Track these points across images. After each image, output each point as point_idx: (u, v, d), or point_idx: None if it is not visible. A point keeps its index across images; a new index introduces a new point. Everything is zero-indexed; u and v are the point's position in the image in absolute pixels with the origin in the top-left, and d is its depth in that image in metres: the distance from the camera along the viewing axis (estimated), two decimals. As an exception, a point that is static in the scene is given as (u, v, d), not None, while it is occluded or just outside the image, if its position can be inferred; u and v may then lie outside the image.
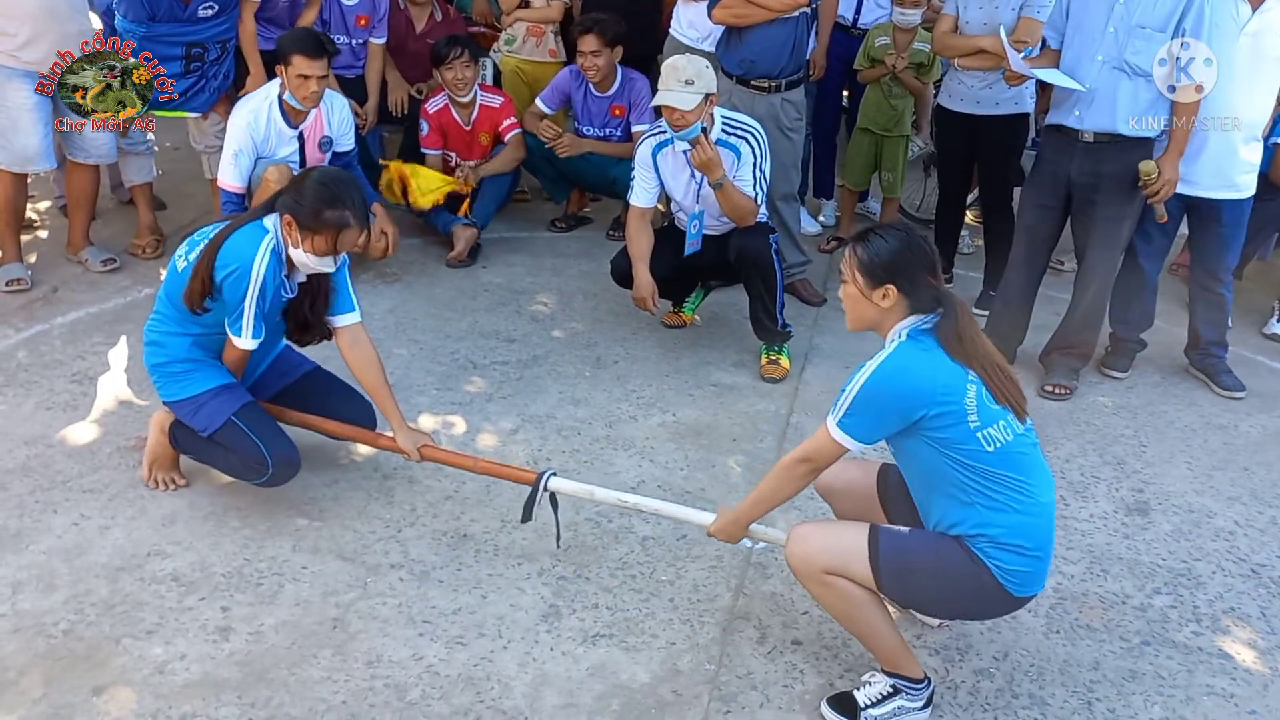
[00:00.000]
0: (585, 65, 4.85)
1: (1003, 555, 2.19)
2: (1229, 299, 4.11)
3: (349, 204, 2.73)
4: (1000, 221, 4.53)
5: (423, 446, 2.91)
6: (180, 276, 2.82)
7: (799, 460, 2.33)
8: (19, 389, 3.53)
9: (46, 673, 2.36)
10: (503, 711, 2.34)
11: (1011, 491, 2.20)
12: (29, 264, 4.40)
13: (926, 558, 2.24)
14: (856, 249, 2.30)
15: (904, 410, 2.19)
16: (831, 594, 2.29)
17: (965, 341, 2.21)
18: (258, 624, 2.55)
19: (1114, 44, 3.59)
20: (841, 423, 2.23)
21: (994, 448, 2.18)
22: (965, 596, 2.26)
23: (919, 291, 2.25)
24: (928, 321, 2.25)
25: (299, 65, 3.97)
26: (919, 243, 2.30)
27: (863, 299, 2.30)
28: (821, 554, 2.27)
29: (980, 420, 2.17)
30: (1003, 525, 2.19)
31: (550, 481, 2.76)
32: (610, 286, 4.28)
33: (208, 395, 2.86)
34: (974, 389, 2.18)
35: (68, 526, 2.86)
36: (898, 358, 2.22)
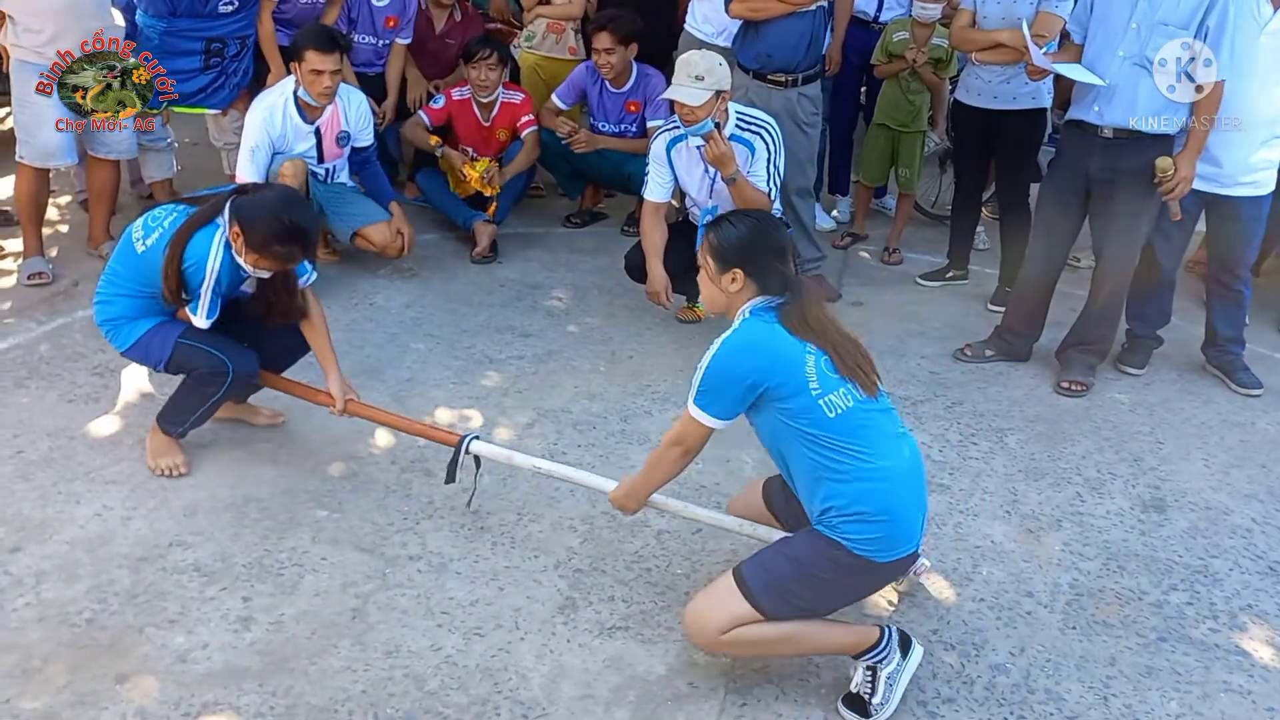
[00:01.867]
0: (599, 62, 4.86)
1: (848, 526, 2.22)
2: (1247, 296, 4.10)
3: (301, 240, 2.81)
4: (1016, 217, 4.52)
5: (348, 400, 3.06)
6: (138, 258, 2.91)
7: (672, 442, 2.41)
8: (42, 381, 3.56)
9: (70, 661, 2.40)
10: (520, 702, 2.36)
11: (851, 459, 2.23)
12: (50, 258, 4.45)
13: (788, 566, 2.27)
14: (710, 234, 2.38)
15: (749, 383, 2.24)
16: (745, 647, 2.32)
17: (810, 321, 2.26)
18: (278, 614, 2.58)
19: (1136, 40, 3.58)
20: (698, 401, 2.31)
21: (835, 414, 2.22)
22: (839, 581, 2.28)
23: (767, 277, 2.31)
24: (770, 303, 2.31)
25: (312, 60, 4.00)
26: (770, 230, 2.37)
27: (715, 283, 2.37)
28: (709, 617, 2.28)
29: (821, 387, 2.22)
30: (844, 495, 2.23)
31: (472, 445, 2.87)
32: (625, 281, 4.29)
33: (150, 333, 2.98)
34: (813, 359, 2.23)
35: (90, 517, 2.89)
36: (739, 334, 2.29)
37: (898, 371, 4.03)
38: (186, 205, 2.96)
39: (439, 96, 5.03)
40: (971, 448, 3.52)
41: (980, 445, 3.54)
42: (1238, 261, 4.01)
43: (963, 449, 3.51)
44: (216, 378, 2.97)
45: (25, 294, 4.20)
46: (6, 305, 4.10)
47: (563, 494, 3.10)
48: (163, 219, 2.92)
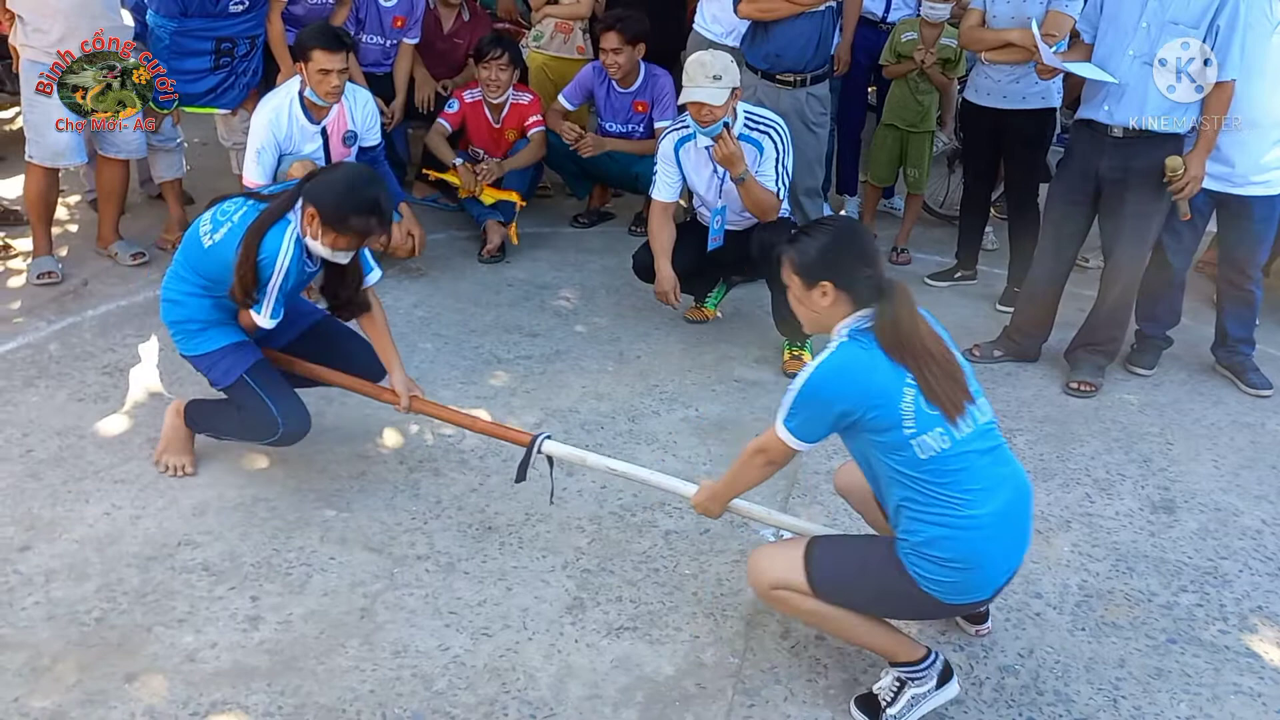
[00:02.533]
0: (607, 63, 4.86)
1: (922, 564, 2.17)
2: (1258, 296, 4.08)
3: (377, 210, 2.73)
4: (1025, 217, 4.50)
5: (412, 397, 2.99)
6: (204, 252, 2.85)
7: (757, 450, 2.35)
8: (51, 380, 3.58)
9: (80, 660, 2.40)
10: (528, 702, 2.36)
11: (939, 503, 2.15)
12: (60, 257, 4.46)
13: (855, 563, 2.26)
14: (787, 251, 2.29)
15: (841, 411, 2.17)
16: (787, 607, 2.34)
17: (904, 333, 2.16)
18: (286, 613, 2.58)
19: (1146, 39, 3.56)
20: (787, 423, 2.24)
21: (927, 456, 2.14)
22: (898, 604, 2.26)
23: (857, 285, 2.22)
24: (867, 320, 2.21)
25: (319, 60, 3.99)
26: (852, 234, 2.29)
27: (804, 301, 2.29)
28: (768, 570, 2.31)
29: (916, 427, 2.13)
30: (925, 534, 2.16)
31: (544, 445, 2.81)
32: (633, 281, 4.29)
33: (223, 352, 2.93)
34: (911, 394, 2.14)
35: (100, 516, 2.90)
36: (835, 359, 2.20)
37: (906, 372, 4.01)
38: (255, 200, 2.88)
39: (453, 100, 5.03)
40: (980, 448, 3.51)
41: (989, 446, 3.53)
42: (1249, 261, 4.00)
43: (971, 450, 3.50)
44: (263, 429, 2.94)
45: (34, 293, 4.21)
46: (16, 304, 4.11)
47: (570, 494, 3.10)
48: (231, 213, 2.84)
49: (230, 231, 2.81)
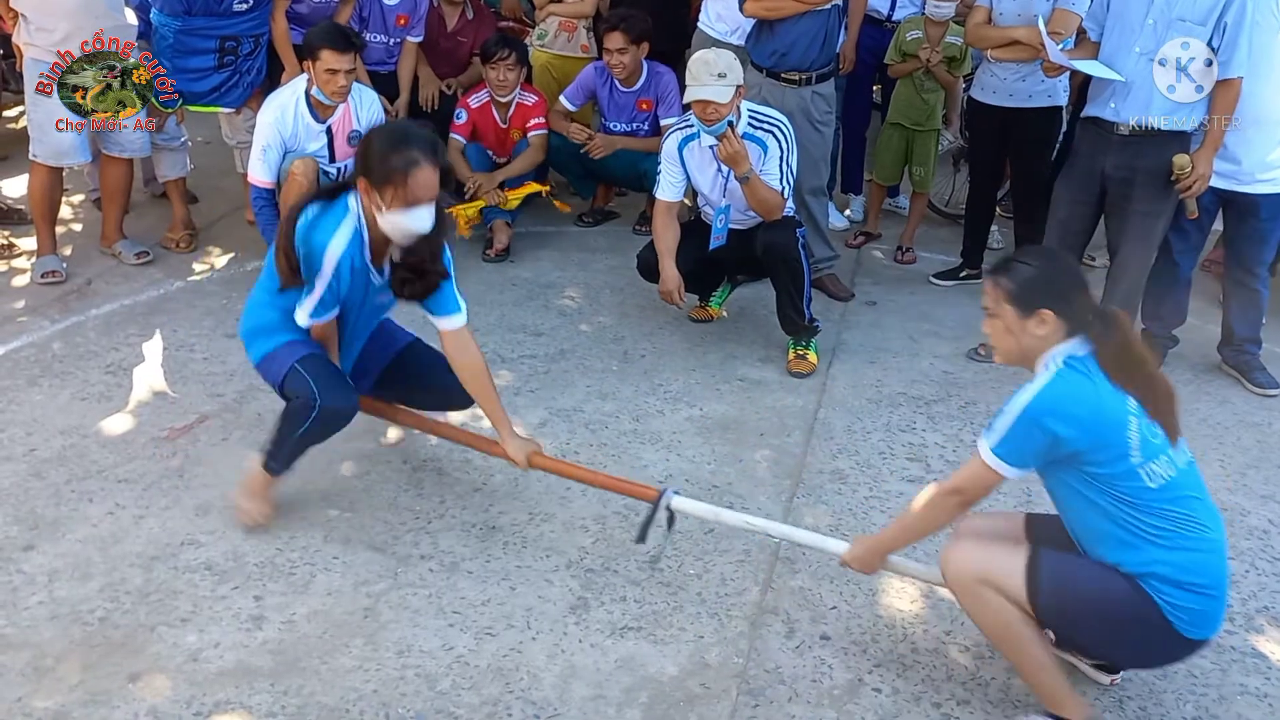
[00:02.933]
0: (611, 62, 4.85)
1: (1174, 591, 2.08)
2: (1264, 295, 4.06)
3: (415, 143, 2.53)
4: (1031, 216, 4.48)
5: (532, 454, 2.82)
6: None
7: (951, 491, 2.22)
8: (55, 380, 3.58)
9: (83, 659, 2.40)
10: (532, 702, 2.36)
11: (1179, 528, 2.09)
12: (64, 256, 4.46)
13: (1092, 585, 2.13)
14: (999, 279, 2.19)
15: (1061, 441, 2.08)
16: (985, 607, 2.20)
17: (1129, 358, 2.10)
18: (290, 613, 2.58)
19: (1153, 37, 3.55)
20: (996, 449, 2.13)
21: (1157, 484, 2.08)
22: (1128, 634, 2.16)
23: (1075, 313, 2.13)
24: (1083, 346, 2.14)
25: (327, 60, 3.99)
26: (1067, 260, 2.21)
27: (1015, 331, 2.18)
28: (979, 562, 2.19)
29: (1143, 455, 2.07)
30: (1171, 563, 2.08)
31: (673, 501, 2.62)
32: (637, 281, 4.29)
33: (278, 350, 2.78)
34: (1135, 422, 2.07)
35: (103, 515, 2.90)
36: (1057, 383, 2.10)
37: (910, 371, 4.01)
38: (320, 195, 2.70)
39: (460, 111, 5.01)
40: (985, 448, 3.50)
41: (994, 445, 3.52)
42: (1255, 260, 3.98)
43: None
44: (304, 410, 2.73)
45: (38, 292, 4.21)
46: (20, 303, 4.11)
47: (574, 494, 3.10)
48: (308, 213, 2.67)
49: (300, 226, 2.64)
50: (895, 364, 4.07)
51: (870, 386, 3.88)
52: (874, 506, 3.15)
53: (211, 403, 3.49)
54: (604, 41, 4.85)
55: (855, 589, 2.77)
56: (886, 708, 2.40)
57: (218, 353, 3.82)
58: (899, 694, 2.44)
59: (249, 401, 3.50)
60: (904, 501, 3.17)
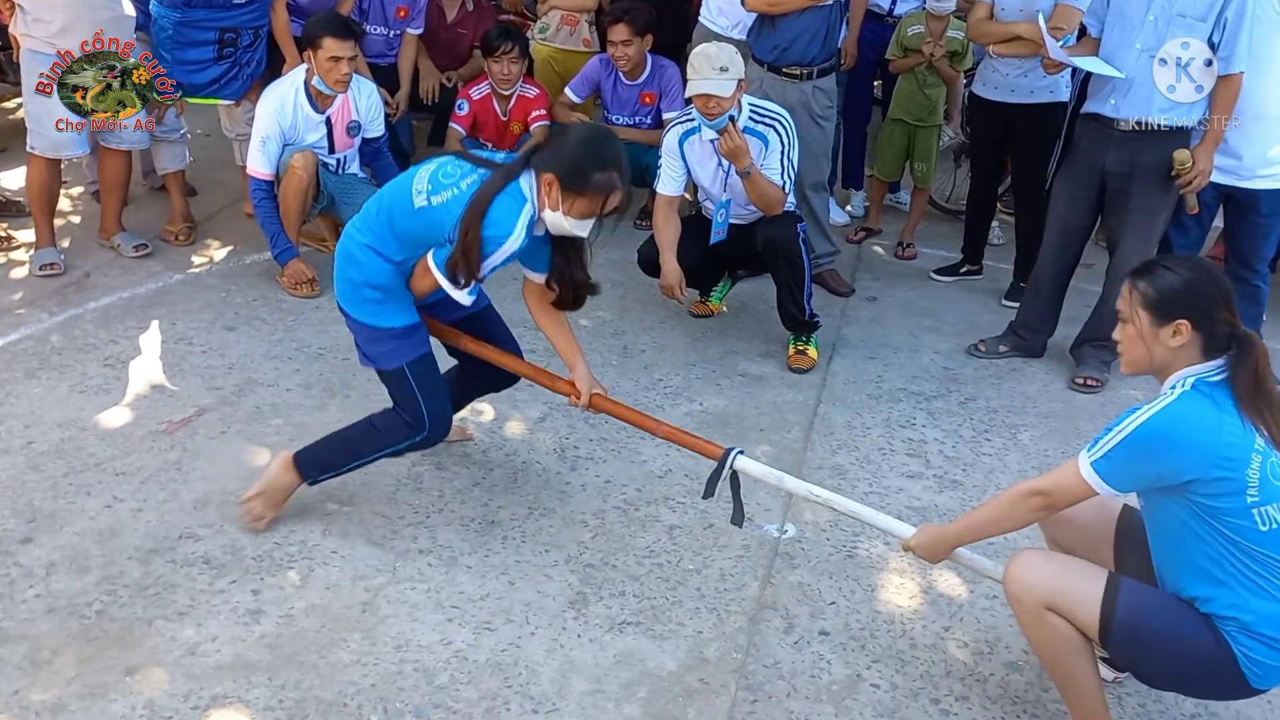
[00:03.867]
0: (615, 55, 4.83)
1: (1252, 644, 1.99)
2: (1265, 291, 4.05)
3: (617, 165, 2.52)
4: (1032, 212, 4.47)
5: (594, 394, 2.78)
6: (415, 213, 2.59)
7: (1035, 492, 2.12)
8: (53, 372, 3.57)
9: (80, 652, 2.39)
10: (530, 697, 2.35)
11: (1276, 577, 1.99)
12: (62, 249, 4.45)
13: (1168, 627, 2.04)
14: (1138, 283, 2.09)
15: (1175, 468, 1.98)
16: (1045, 632, 2.11)
17: (1262, 391, 1.99)
18: (288, 607, 2.57)
19: (1154, 33, 3.54)
20: (1097, 464, 2.03)
21: (1269, 528, 1.97)
22: (1197, 677, 2.08)
23: (1215, 328, 2.03)
24: (1217, 371, 2.04)
25: (329, 48, 3.98)
26: (1214, 272, 2.09)
27: (1148, 340, 2.07)
28: (1047, 587, 2.09)
29: (1260, 496, 1.97)
30: (1259, 612, 1.99)
31: (737, 460, 2.61)
32: (637, 275, 4.27)
33: (392, 333, 2.70)
34: (1259, 460, 1.97)
35: (100, 509, 2.89)
36: (1181, 407, 1.99)
37: (911, 367, 4.00)
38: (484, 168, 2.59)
39: (462, 102, 5.00)
40: (985, 444, 3.50)
41: (994, 441, 3.52)
42: (1256, 256, 3.97)
43: (976, 445, 3.49)
44: (406, 431, 2.72)
45: (37, 285, 4.20)
46: (18, 296, 4.10)
47: (574, 488, 3.09)
48: (457, 179, 2.56)
49: (455, 199, 2.54)
50: (895, 360, 4.06)
51: (870, 382, 3.87)
52: (873, 502, 3.14)
53: (210, 396, 3.48)
54: (608, 34, 4.84)
55: (854, 584, 2.77)
56: (885, 703, 2.40)
57: (216, 346, 3.81)
58: (897, 689, 2.44)
59: (247, 395, 3.50)
60: (903, 497, 3.17)
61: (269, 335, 3.92)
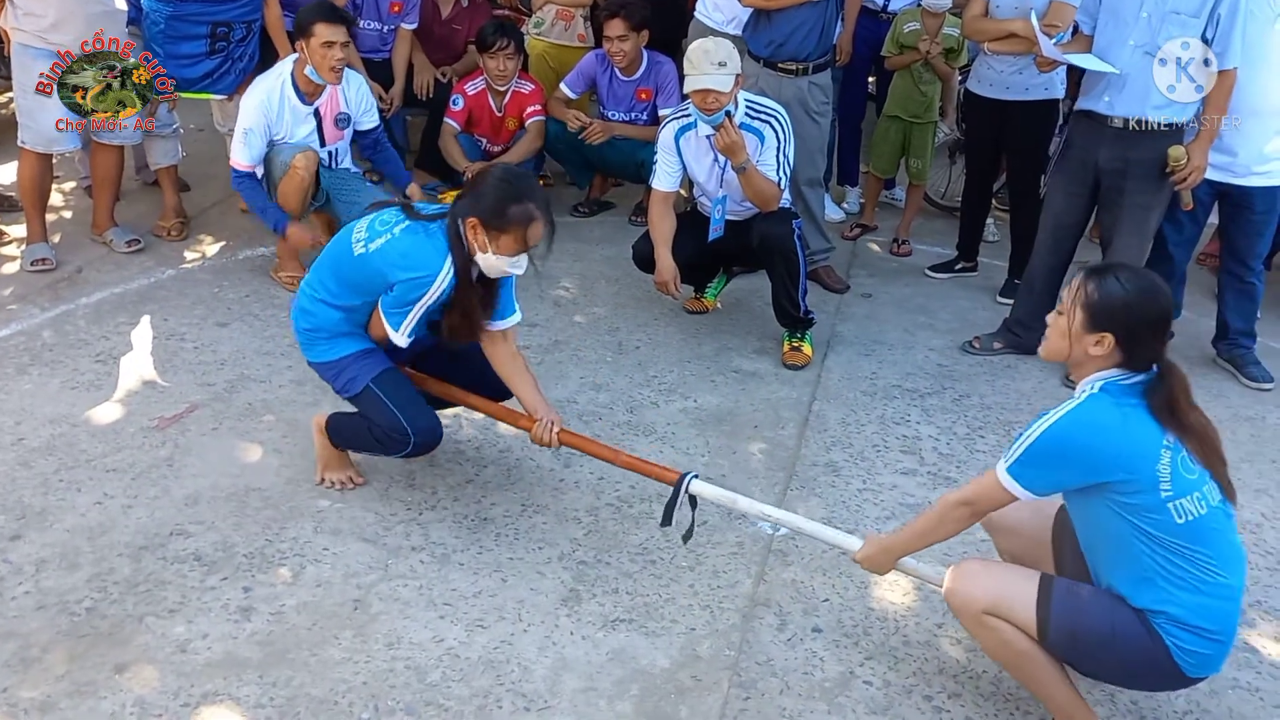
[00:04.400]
0: (611, 50, 4.82)
1: (1182, 635, 2.04)
2: (1260, 288, 4.06)
3: (531, 197, 2.62)
4: (1027, 209, 4.47)
5: (560, 431, 2.82)
6: (354, 260, 2.71)
7: (960, 502, 2.20)
8: (44, 368, 3.55)
9: (70, 650, 2.38)
10: (523, 694, 2.34)
11: (1197, 570, 2.03)
12: (54, 244, 4.43)
13: (1101, 622, 2.09)
14: (1087, 283, 2.11)
15: (1087, 469, 2.03)
16: (992, 638, 2.16)
17: (1178, 415, 2.03)
18: (279, 604, 2.56)
19: (1147, 29, 3.53)
20: (1012, 469, 2.09)
21: (1184, 520, 2.01)
22: (1134, 669, 2.12)
23: (1137, 351, 2.07)
24: (1127, 377, 2.08)
25: (322, 33, 3.93)
26: (1158, 298, 2.08)
27: (1073, 337, 2.10)
28: (985, 595, 2.14)
29: (1174, 490, 2.01)
30: (1185, 605, 2.03)
31: (692, 484, 2.66)
32: (632, 272, 4.27)
33: (349, 359, 2.82)
34: (1169, 454, 2.01)
35: (91, 505, 2.88)
36: (1089, 411, 2.04)
37: (905, 364, 4.00)
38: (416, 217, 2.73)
39: (456, 97, 4.99)
40: (979, 441, 3.49)
41: (988, 438, 3.51)
42: (1251, 253, 3.97)
43: (970, 442, 3.48)
44: (393, 443, 2.80)
45: (28, 280, 4.18)
46: (9, 291, 4.08)
47: (567, 485, 3.08)
48: (391, 225, 2.70)
49: (388, 244, 2.67)
50: (890, 356, 4.06)
51: (865, 379, 3.87)
52: (867, 499, 3.14)
53: (202, 392, 3.47)
54: (604, 29, 4.83)
55: (847, 582, 2.76)
56: (878, 700, 2.39)
57: (208, 341, 3.80)
58: (890, 686, 2.44)
59: (239, 391, 3.48)
60: (897, 494, 3.17)
61: (261, 331, 3.90)
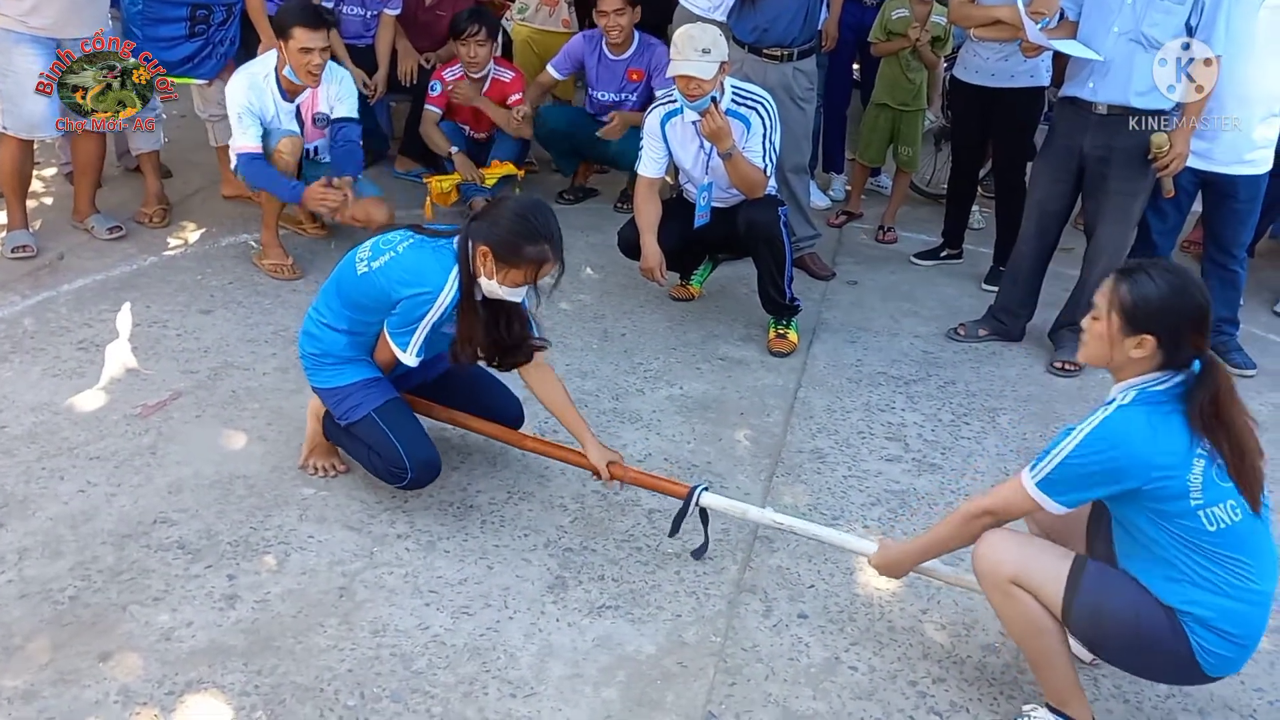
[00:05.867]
0: (608, 25, 4.78)
1: (1208, 635, 2.03)
2: (1243, 276, 4.08)
3: (549, 238, 2.62)
4: (1012, 196, 4.48)
5: (611, 464, 2.78)
6: (358, 280, 2.72)
7: (985, 512, 2.17)
8: (26, 356, 3.52)
9: (53, 638, 2.37)
10: (509, 681, 2.35)
11: (1228, 574, 2.02)
12: (35, 231, 4.39)
13: (1128, 611, 2.07)
14: (1120, 285, 2.06)
15: (1116, 481, 2.01)
16: (1014, 608, 2.15)
17: (1221, 419, 1.99)
18: (264, 592, 2.55)
19: (1131, 15, 3.54)
20: (1042, 484, 2.07)
21: (1216, 527, 2.00)
22: (1153, 661, 2.12)
23: (1179, 350, 2.02)
24: (1164, 380, 2.04)
25: (300, 38, 3.88)
26: (1195, 293, 2.04)
27: (1113, 342, 2.07)
28: (1013, 563, 2.13)
29: (1205, 499, 1.99)
30: (1212, 608, 2.02)
31: (702, 497, 2.69)
32: (618, 259, 4.26)
33: (353, 387, 2.81)
34: (1201, 464, 1.99)
35: (74, 493, 2.86)
36: (1118, 424, 2.01)
37: (890, 351, 4.01)
38: (422, 234, 2.73)
39: (435, 83, 4.97)
40: (964, 427, 3.51)
41: (973, 425, 3.53)
42: (1234, 242, 4.00)
43: (955, 429, 3.50)
44: (391, 474, 2.79)
45: (9, 267, 4.14)
46: (-10, 278, 4.05)
47: (553, 473, 3.08)
48: (395, 243, 2.70)
49: (391, 261, 2.67)
50: (875, 343, 4.06)
51: (850, 366, 3.87)
52: (852, 486, 3.15)
53: (185, 379, 3.45)
54: (599, 3, 4.78)
55: (833, 568, 2.77)
56: (863, 685, 2.41)
57: (191, 329, 3.77)
58: (875, 672, 2.45)
59: (223, 378, 3.47)
60: (882, 481, 3.18)
61: (245, 318, 3.88)
